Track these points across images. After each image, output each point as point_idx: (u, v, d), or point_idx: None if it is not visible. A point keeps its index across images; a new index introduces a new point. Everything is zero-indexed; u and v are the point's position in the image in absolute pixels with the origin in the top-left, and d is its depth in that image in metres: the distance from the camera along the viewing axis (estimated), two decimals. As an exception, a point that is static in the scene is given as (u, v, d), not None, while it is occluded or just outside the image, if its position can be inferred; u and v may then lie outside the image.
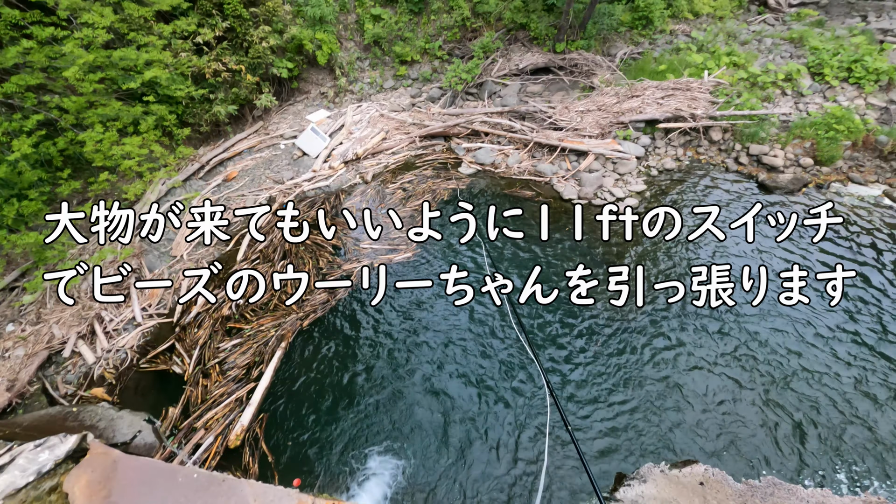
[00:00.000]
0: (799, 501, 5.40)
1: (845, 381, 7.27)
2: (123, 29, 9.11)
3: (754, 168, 11.70)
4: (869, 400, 7.04)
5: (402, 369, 7.60)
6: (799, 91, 13.29)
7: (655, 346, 7.77)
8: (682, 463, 5.97)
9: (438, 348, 7.88)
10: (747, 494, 5.43)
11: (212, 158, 11.58)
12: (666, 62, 14.17)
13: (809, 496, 5.46)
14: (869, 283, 8.74)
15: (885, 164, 11.37)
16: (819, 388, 7.19)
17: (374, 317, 8.45)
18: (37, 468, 4.70)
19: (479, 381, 7.37)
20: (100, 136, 7.92)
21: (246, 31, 11.54)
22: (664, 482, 5.61)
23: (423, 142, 12.97)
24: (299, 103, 14.06)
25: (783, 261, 9.22)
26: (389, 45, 14.69)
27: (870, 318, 8.13)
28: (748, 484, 5.65)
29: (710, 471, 5.72)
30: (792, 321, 8.09)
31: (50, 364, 7.51)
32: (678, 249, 9.69)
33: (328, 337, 8.13)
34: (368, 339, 8.08)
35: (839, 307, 8.27)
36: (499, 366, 7.57)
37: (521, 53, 15.11)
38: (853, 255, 9.32)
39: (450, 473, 6.29)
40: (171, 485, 4.92)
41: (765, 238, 9.72)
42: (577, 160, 11.98)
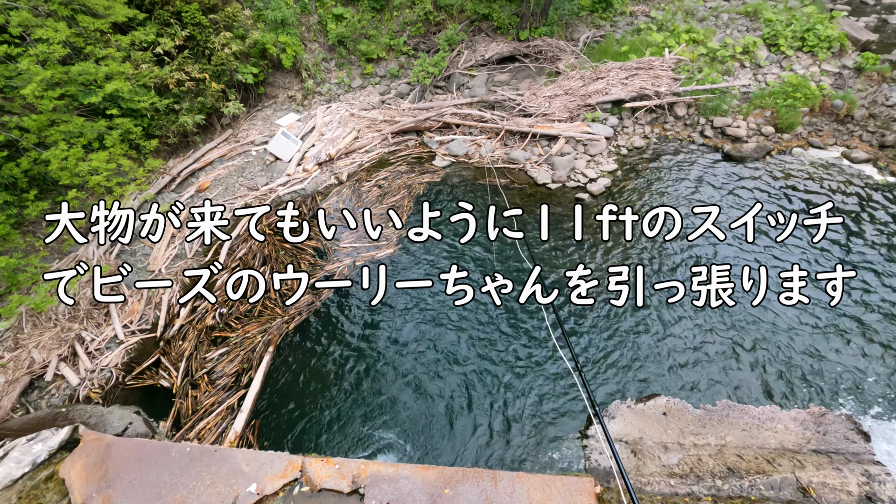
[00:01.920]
0: (751, 419, 6.06)
1: (792, 318, 7.77)
2: (80, 43, 8.90)
3: (719, 140, 12.04)
4: (815, 333, 7.61)
5: (390, 365, 7.67)
6: (757, 63, 13.69)
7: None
8: (646, 398, 6.53)
9: (422, 342, 7.97)
10: (706, 418, 6.08)
11: (182, 170, 11.41)
12: (628, 43, 14.44)
13: (760, 413, 6.16)
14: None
15: (842, 126, 11.83)
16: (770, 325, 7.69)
17: (358, 315, 8.49)
18: (31, 459, 4.80)
19: (477, 378, 7.49)
20: (64, 154, 7.75)
21: (207, 39, 11.38)
22: (631, 416, 6.13)
23: (395, 138, 12.99)
24: (268, 108, 13.92)
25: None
26: (354, 43, 14.64)
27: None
28: (705, 409, 6.28)
29: (671, 401, 6.32)
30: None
31: (33, 389, 7.36)
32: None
33: (315, 338, 8.15)
34: (354, 337, 8.12)
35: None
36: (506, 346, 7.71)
37: (486, 44, 15.21)
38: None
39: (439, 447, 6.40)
40: (165, 459, 5.05)
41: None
42: (549, 145, 12.16)
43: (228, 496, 4.84)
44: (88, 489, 4.75)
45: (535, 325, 8.00)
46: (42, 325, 8.07)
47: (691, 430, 5.84)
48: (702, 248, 9.21)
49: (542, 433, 6.51)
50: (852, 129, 11.72)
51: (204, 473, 4.97)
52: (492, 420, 6.77)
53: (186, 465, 5.01)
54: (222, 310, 8.57)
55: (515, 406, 6.92)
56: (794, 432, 5.81)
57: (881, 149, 11.12)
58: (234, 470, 5.05)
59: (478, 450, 6.46)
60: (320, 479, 5.05)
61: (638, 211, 10.15)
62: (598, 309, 8.18)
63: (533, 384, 7.17)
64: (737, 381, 6.92)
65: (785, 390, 6.76)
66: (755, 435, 5.76)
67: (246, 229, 10.22)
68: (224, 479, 4.96)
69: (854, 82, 12.53)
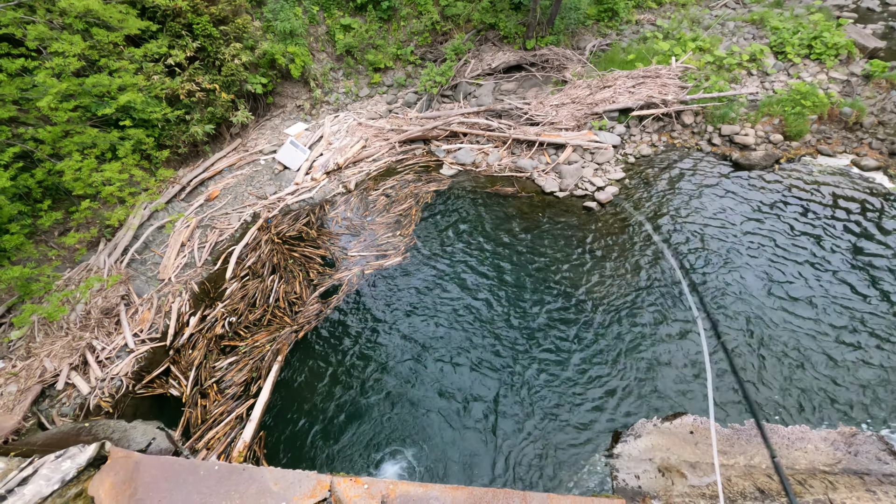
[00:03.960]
0: (781, 438, 5.90)
1: (821, 335, 7.64)
2: (94, 55, 9.06)
3: (727, 148, 12.01)
4: (844, 347, 7.41)
5: (397, 372, 7.67)
6: (764, 70, 13.67)
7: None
8: (673, 416, 6.36)
9: (435, 349, 7.97)
10: (734, 437, 5.88)
11: (192, 179, 11.53)
12: (634, 51, 14.48)
13: (790, 433, 5.99)
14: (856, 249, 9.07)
15: (851, 134, 11.76)
16: (797, 340, 7.54)
17: (367, 323, 8.50)
18: (60, 476, 4.81)
19: (484, 375, 7.47)
20: (78, 164, 7.86)
21: (217, 50, 11.53)
22: (657, 435, 5.98)
23: (402, 147, 13.06)
24: (276, 118, 14.05)
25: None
26: (361, 53, 14.78)
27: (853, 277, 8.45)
28: (733, 428, 6.10)
29: (698, 420, 6.15)
30: (771, 288, 8.37)
31: (44, 398, 7.42)
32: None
33: (324, 346, 8.16)
34: (363, 345, 8.13)
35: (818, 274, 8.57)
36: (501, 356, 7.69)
37: (493, 53, 15.31)
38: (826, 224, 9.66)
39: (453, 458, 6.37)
40: (194, 478, 5.02)
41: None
42: (556, 153, 12.18)
43: (258, 516, 4.80)
44: (119, 508, 4.73)
45: (532, 326, 7.98)
46: (54, 333, 8.14)
47: (719, 449, 5.74)
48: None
49: (562, 452, 6.44)
50: (861, 136, 11.66)
51: (233, 493, 4.94)
52: (507, 431, 6.73)
53: (215, 485, 4.99)
54: (231, 319, 8.61)
55: (534, 418, 6.88)
56: (825, 452, 5.71)
57: (891, 156, 11.05)
58: (262, 489, 5.01)
59: (494, 463, 6.43)
60: (350, 500, 4.98)
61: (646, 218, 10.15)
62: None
63: (550, 397, 7.14)
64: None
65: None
66: (785, 455, 5.66)
67: (255, 238, 10.30)
68: (253, 499, 4.92)
69: (862, 90, 12.48)
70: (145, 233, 10.07)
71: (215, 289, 9.25)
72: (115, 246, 9.62)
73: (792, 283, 8.50)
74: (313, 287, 9.22)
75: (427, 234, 10.24)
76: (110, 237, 9.82)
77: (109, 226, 9.62)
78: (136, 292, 8.98)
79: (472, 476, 6.30)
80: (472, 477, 6.29)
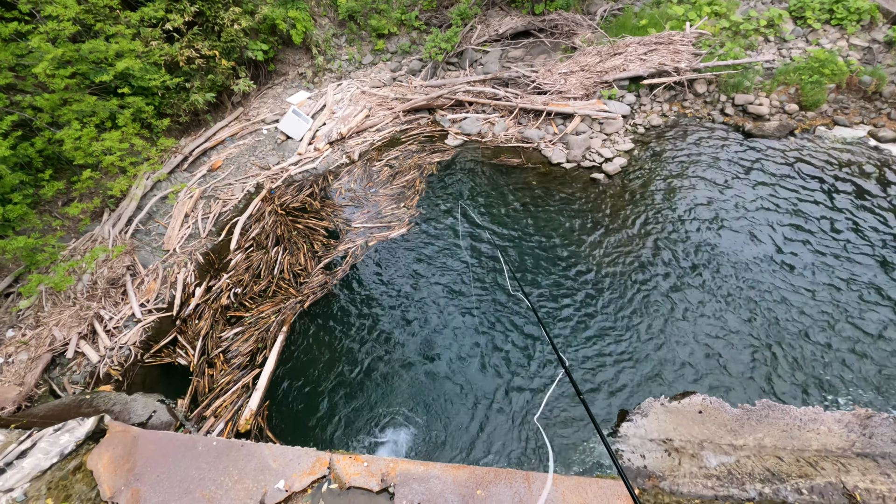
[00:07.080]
0: (792, 419, 5.75)
1: (835, 314, 7.52)
2: (89, 20, 8.80)
3: (740, 118, 11.68)
4: (857, 330, 7.29)
5: (401, 341, 7.71)
6: (782, 37, 13.15)
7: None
8: (681, 395, 6.23)
9: (438, 317, 7.98)
10: (743, 417, 5.75)
11: (194, 149, 11.39)
12: (647, 16, 13.94)
13: (802, 414, 5.83)
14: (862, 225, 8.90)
15: (870, 104, 11.39)
16: (808, 321, 7.44)
17: (370, 294, 8.51)
18: (59, 450, 4.84)
19: (493, 355, 7.50)
20: (78, 133, 7.74)
21: (216, 14, 11.19)
22: (665, 414, 5.86)
23: (407, 116, 12.80)
24: (278, 86, 13.76)
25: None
26: (365, 18, 14.32)
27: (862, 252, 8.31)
28: (743, 408, 5.96)
29: (707, 399, 5.99)
30: (781, 264, 8.26)
31: (54, 366, 7.54)
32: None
33: (329, 317, 8.20)
34: (367, 316, 8.15)
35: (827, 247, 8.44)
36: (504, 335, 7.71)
37: (500, 18, 14.79)
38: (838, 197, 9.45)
39: (463, 438, 6.46)
40: (192, 454, 5.05)
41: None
42: (564, 123, 11.90)
43: (256, 492, 4.84)
44: (117, 482, 4.81)
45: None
46: (61, 303, 8.21)
47: (729, 429, 5.65)
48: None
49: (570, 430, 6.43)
50: (880, 106, 11.28)
51: (231, 468, 4.98)
52: (514, 409, 6.77)
53: (213, 460, 5.03)
54: (236, 289, 8.64)
55: (534, 399, 6.92)
56: (838, 434, 5.58)
57: (910, 127, 10.71)
58: (261, 465, 5.04)
59: (492, 439, 6.49)
60: (349, 477, 5.02)
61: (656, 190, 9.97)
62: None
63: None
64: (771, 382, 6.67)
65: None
66: (796, 436, 5.55)
67: (258, 209, 10.23)
68: (251, 475, 4.96)
69: (884, 57, 12.00)
70: (149, 203, 10.02)
71: (220, 260, 9.25)
72: (119, 216, 9.59)
73: (804, 263, 8.38)
74: (318, 258, 9.21)
75: (430, 207, 10.13)
76: (114, 207, 9.78)
77: (112, 196, 9.57)
78: (141, 263, 9.01)
79: (490, 450, 6.32)
80: (488, 451, 6.31)
